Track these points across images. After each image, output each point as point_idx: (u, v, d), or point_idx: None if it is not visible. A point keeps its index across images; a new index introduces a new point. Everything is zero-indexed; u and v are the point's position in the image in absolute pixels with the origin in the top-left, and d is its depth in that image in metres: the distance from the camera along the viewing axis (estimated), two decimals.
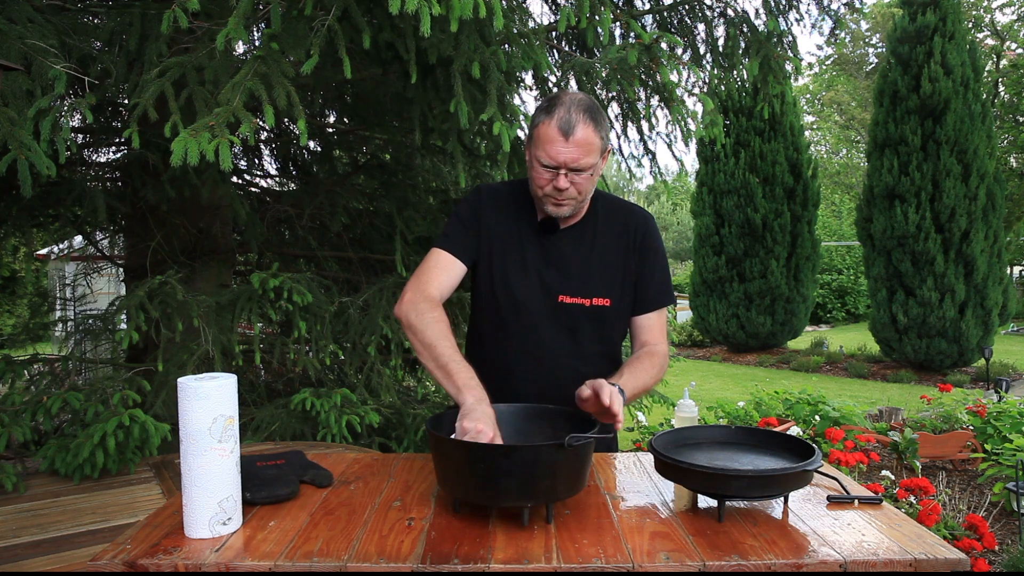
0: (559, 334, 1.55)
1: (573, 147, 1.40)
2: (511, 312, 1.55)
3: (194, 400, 1.08)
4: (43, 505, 2.20)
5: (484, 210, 1.57)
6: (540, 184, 1.46)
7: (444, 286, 1.52)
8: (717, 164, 10.31)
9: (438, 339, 1.39)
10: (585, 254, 1.56)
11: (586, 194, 1.49)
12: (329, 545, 1.07)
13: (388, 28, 2.60)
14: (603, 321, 1.57)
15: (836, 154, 23.17)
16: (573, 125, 1.40)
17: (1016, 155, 15.72)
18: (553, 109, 1.42)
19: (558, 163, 1.41)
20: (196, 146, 1.98)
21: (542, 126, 1.43)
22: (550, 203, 1.48)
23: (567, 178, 1.43)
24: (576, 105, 1.42)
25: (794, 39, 3.80)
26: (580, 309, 1.54)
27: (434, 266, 1.54)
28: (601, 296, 1.55)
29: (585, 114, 1.41)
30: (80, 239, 4.76)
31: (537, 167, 1.45)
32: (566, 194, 1.45)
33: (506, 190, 1.61)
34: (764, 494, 1.17)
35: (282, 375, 4.09)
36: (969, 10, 16.15)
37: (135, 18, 2.72)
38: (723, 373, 9.43)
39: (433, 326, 1.41)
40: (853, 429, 4.16)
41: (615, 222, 1.60)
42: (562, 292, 1.54)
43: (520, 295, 1.54)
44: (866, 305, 14.33)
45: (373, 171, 4.49)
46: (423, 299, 1.47)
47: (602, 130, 1.45)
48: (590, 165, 1.43)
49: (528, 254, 1.55)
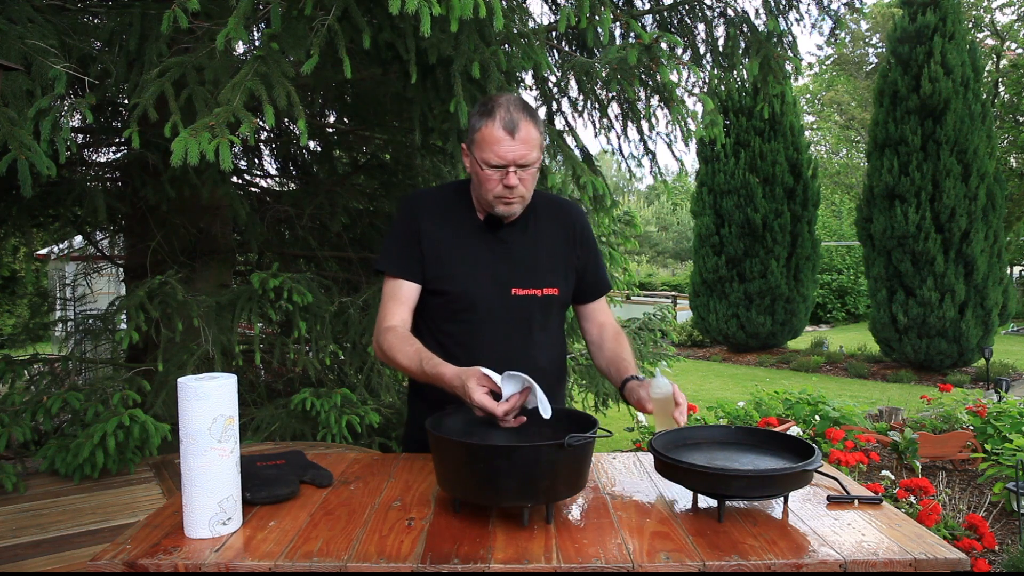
0: (515, 326, 1.59)
1: (520, 144, 1.45)
2: (467, 310, 1.58)
3: (194, 400, 1.08)
4: (43, 505, 2.20)
5: (421, 218, 1.60)
6: (489, 187, 1.49)
7: (398, 315, 1.57)
8: (717, 164, 10.31)
9: (405, 356, 1.47)
10: (531, 246, 1.61)
11: (531, 190, 1.54)
12: (329, 545, 1.07)
13: (388, 28, 2.59)
14: (552, 309, 1.64)
15: (836, 154, 23.17)
16: (517, 123, 1.44)
17: (1016, 155, 15.71)
18: (493, 111, 1.46)
19: (507, 161, 1.45)
20: (196, 146, 1.98)
21: (484, 129, 1.46)
22: (500, 204, 1.51)
23: (515, 175, 1.46)
24: (514, 104, 1.47)
25: (794, 39, 3.80)
26: (532, 300, 1.59)
27: (389, 299, 1.59)
28: (550, 286, 1.61)
29: (524, 112, 1.47)
30: (80, 239, 4.76)
31: (485, 170, 1.48)
32: (516, 192, 1.49)
33: (440, 194, 1.66)
34: (764, 494, 1.17)
35: (282, 375, 4.09)
36: (969, 10, 16.14)
37: (135, 18, 2.72)
38: (723, 373, 9.43)
39: (393, 351, 1.49)
40: (853, 429, 4.15)
41: (554, 215, 1.66)
42: (514, 284, 1.58)
43: (474, 292, 1.57)
44: (866, 305, 14.33)
45: (373, 171, 4.49)
46: (378, 334, 1.56)
47: (540, 126, 1.51)
48: (535, 160, 1.49)
49: (476, 252, 1.59)
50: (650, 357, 4.82)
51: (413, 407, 1.71)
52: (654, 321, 4.93)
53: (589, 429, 1.22)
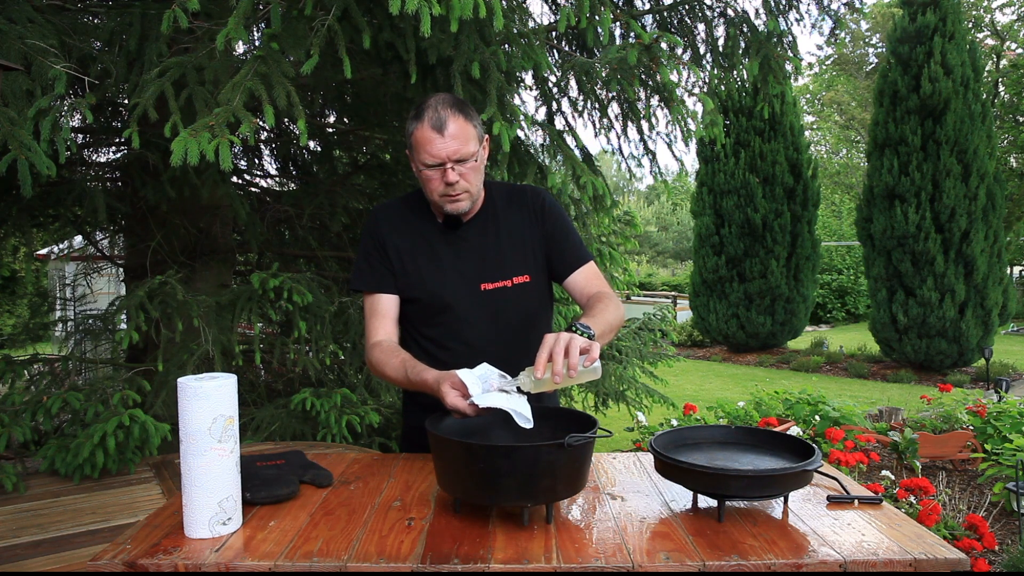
0: (488, 320, 1.59)
1: (450, 140, 1.46)
2: (441, 312, 1.59)
3: (194, 400, 1.08)
4: (43, 505, 2.20)
5: (382, 230, 1.62)
6: (432, 187, 1.51)
7: (382, 330, 1.60)
8: (717, 164, 10.31)
9: (392, 368, 1.50)
10: (493, 239, 1.61)
11: (477, 184, 1.54)
12: (329, 545, 1.07)
13: (388, 28, 2.59)
14: (527, 296, 1.63)
15: (836, 154, 23.17)
16: (444, 120, 1.46)
17: (1016, 155, 15.72)
18: (422, 113, 1.48)
19: (441, 159, 1.47)
20: (196, 146, 1.98)
21: (417, 132, 1.49)
22: (447, 202, 1.52)
23: (455, 171, 1.48)
24: (442, 103, 1.48)
25: (794, 39, 3.80)
26: (504, 291, 1.60)
27: (370, 315, 1.62)
28: (519, 274, 1.61)
29: (453, 108, 1.48)
30: (80, 239, 4.76)
31: (425, 172, 1.50)
32: (458, 187, 1.50)
33: (399, 204, 1.67)
34: (764, 494, 1.17)
35: (282, 375, 4.09)
36: (969, 10, 16.14)
37: (135, 18, 2.72)
38: (723, 373, 9.42)
39: (381, 366, 1.52)
40: (853, 429, 4.15)
41: (513, 203, 1.66)
42: (482, 280, 1.59)
43: (445, 294, 1.58)
44: (866, 305, 14.33)
45: (373, 171, 4.49)
46: (367, 352, 1.60)
47: (473, 119, 1.51)
48: (471, 153, 1.49)
49: (441, 255, 1.60)
50: (650, 357, 4.82)
51: (408, 410, 1.73)
52: (654, 321, 4.93)
53: (589, 429, 1.21)
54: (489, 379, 1.30)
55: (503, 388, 1.29)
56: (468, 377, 1.29)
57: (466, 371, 1.31)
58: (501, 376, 1.31)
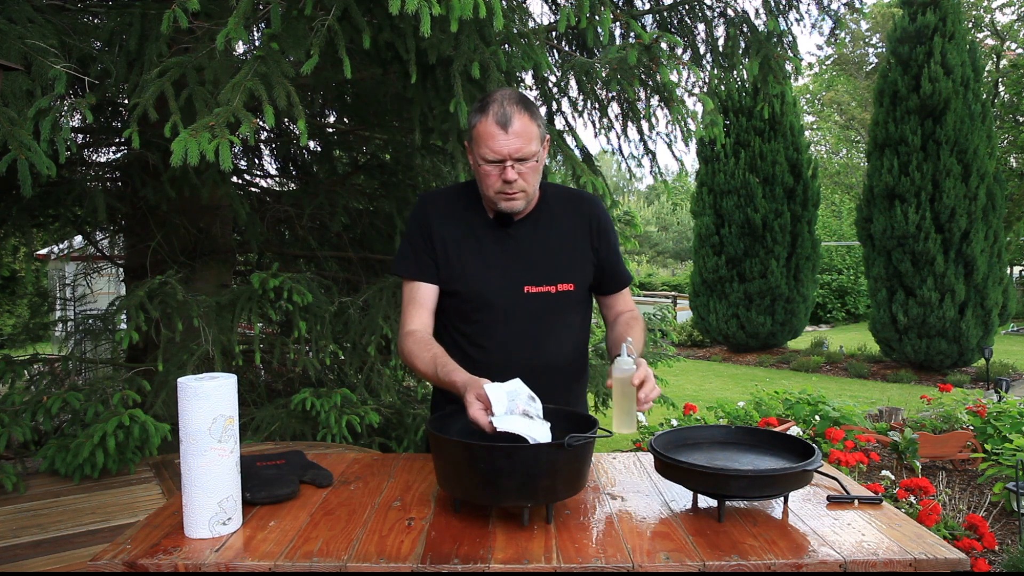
0: (529, 324, 1.58)
1: (513, 137, 1.44)
2: (479, 310, 1.57)
3: (194, 400, 1.08)
4: (43, 505, 2.19)
5: (431, 220, 1.60)
6: (489, 183, 1.49)
7: (418, 319, 1.57)
8: (717, 164, 10.30)
9: (422, 362, 1.47)
10: (543, 242, 1.59)
11: (534, 184, 1.52)
12: (329, 545, 1.07)
13: (388, 28, 2.59)
14: (568, 305, 1.61)
15: (836, 154, 23.16)
16: (510, 117, 1.44)
17: (1016, 155, 15.71)
18: (487, 107, 1.46)
19: (502, 155, 1.45)
20: (196, 146, 1.98)
21: (479, 125, 1.47)
22: (502, 200, 1.51)
23: (514, 169, 1.46)
24: (508, 99, 1.46)
25: (794, 39, 3.80)
26: (546, 296, 1.58)
27: (408, 303, 1.59)
28: (565, 282, 1.59)
29: (519, 105, 1.46)
30: (80, 239, 4.76)
31: (483, 166, 1.48)
32: (516, 186, 1.48)
33: (450, 193, 1.65)
34: (764, 494, 1.17)
35: (282, 375, 4.09)
36: (969, 10, 16.14)
37: (135, 18, 2.72)
38: (723, 373, 9.42)
39: (412, 357, 1.50)
40: (853, 429, 4.15)
41: (568, 208, 1.64)
42: (526, 282, 1.57)
43: (487, 291, 1.56)
44: (866, 305, 14.33)
45: (373, 171, 4.49)
46: (400, 339, 1.57)
47: (537, 119, 1.49)
48: (532, 153, 1.47)
49: (487, 251, 1.58)
50: (650, 357, 4.82)
51: (437, 406, 1.71)
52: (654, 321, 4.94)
53: (589, 429, 1.21)
54: (517, 398, 1.25)
55: (527, 411, 1.24)
56: (495, 393, 1.23)
57: (495, 386, 1.25)
58: (531, 398, 1.27)
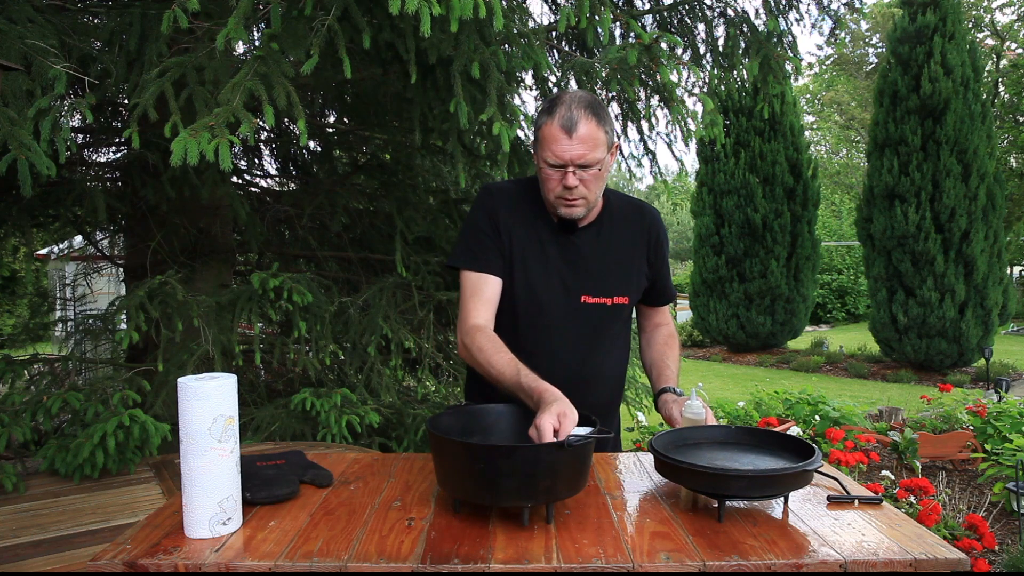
0: (581, 334, 1.55)
1: (578, 143, 1.39)
2: (532, 314, 1.54)
3: (194, 400, 1.08)
4: (43, 505, 2.19)
5: (499, 213, 1.54)
6: (550, 187, 1.46)
7: (483, 313, 1.50)
8: (717, 164, 10.31)
9: (500, 362, 1.38)
10: (603, 253, 1.56)
11: (596, 192, 1.48)
12: (329, 545, 1.07)
13: (388, 28, 2.59)
14: (621, 318, 1.59)
15: (836, 154, 23.17)
16: (575, 121, 1.39)
17: (1016, 155, 15.72)
18: (555, 109, 1.42)
19: (564, 161, 1.41)
20: (196, 146, 1.98)
21: (545, 127, 1.42)
22: (562, 205, 1.47)
23: (575, 176, 1.42)
24: (577, 102, 1.41)
25: (794, 39, 3.80)
26: (602, 308, 1.55)
27: (470, 296, 1.52)
28: (621, 295, 1.56)
29: (587, 110, 1.41)
30: (80, 239, 4.76)
31: (545, 169, 1.44)
32: (576, 192, 1.44)
33: (516, 189, 1.59)
34: (764, 494, 1.17)
35: (282, 375, 4.09)
36: (969, 10, 16.15)
37: (135, 18, 2.72)
38: (723, 373, 9.42)
39: (485, 354, 1.41)
40: (853, 429, 4.15)
41: (629, 220, 1.60)
42: (584, 292, 1.54)
43: (543, 297, 1.53)
44: (866, 305, 14.33)
45: (373, 171, 4.49)
46: (463, 334, 1.49)
47: (606, 125, 1.44)
48: (597, 160, 1.42)
49: (549, 255, 1.54)
50: None
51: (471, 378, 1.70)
52: None
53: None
54: None
55: None
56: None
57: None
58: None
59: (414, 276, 3.66)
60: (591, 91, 3.77)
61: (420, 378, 4.67)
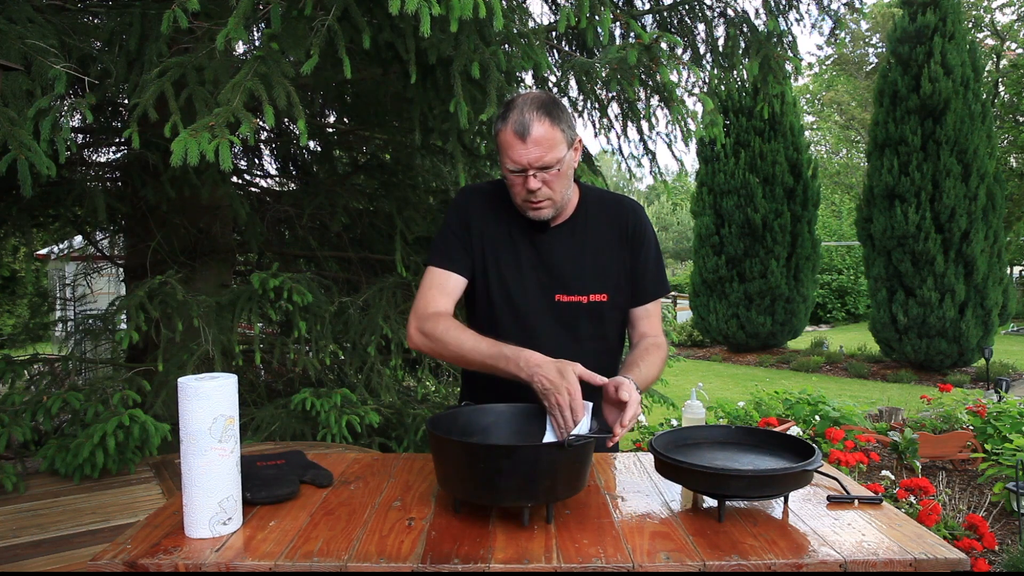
0: (557, 333, 1.54)
1: (533, 146, 1.39)
2: (508, 314, 1.54)
3: (194, 400, 1.08)
4: (43, 505, 2.19)
5: (472, 213, 1.56)
6: (515, 191, 1.46)
7: (444, 303, 1.51)
8: (717, 164, 10.31)
9: (470, 339, 1.40)
10: (578, 251, 1.55)
11: (561, 191, 1.47)
12: (329, 545, 1.07)
13: (388, 28, 2.60)
14: (601, 317, 1.56)
15: (836, 154, 23.18)
16: (528, 125, 1.38)
17: (1016, 155, 15.72)
18: (508, 114, 1.41)
19: (523, 165, 1.40)
20: (196, 146, 1.98)
21: (501, 134, 1.42)
22: (529, 208, 1.47)
23: (536, 178, 1.41)
24: (529, 105, 1.40)
25: (794, 39, 3.80)
26: (578, 307, 1.54)
27: (429, 287, 1.53)
28: (598, 292, 1.55)
29: (540, 111, 1.40)
30: (80, 239, 4.76)
31: (508, 175, 1.44)
32: (540, 194, 1.44)
33: (492, 190, 1.59)
34: (764, 494, 1.17)
35: (282, 375, 4.09)
36: (969, 10, 16.15)
37: (135, 18, 2.72)
38: (723, 373, 9.42)
39: (445, 335, 1.43)
40: (853, 429, 4.15)
41: (606, 215, 1.59)
42: (558, 291, 1.53)
43: (517, 297, 1.53)
44: (866, 305, 14.33)
45: (373, 171, 4.49)
46: (423, 320, 1.49)
47: (561, 123, 1.42)
48: (556, 160, 1.41)
49: (522, 255, 1.54)
50: None
51: (466, 381, 1.69)
52: None
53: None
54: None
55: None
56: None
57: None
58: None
59: (414, 276, 3.66)
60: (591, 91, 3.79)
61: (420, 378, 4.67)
